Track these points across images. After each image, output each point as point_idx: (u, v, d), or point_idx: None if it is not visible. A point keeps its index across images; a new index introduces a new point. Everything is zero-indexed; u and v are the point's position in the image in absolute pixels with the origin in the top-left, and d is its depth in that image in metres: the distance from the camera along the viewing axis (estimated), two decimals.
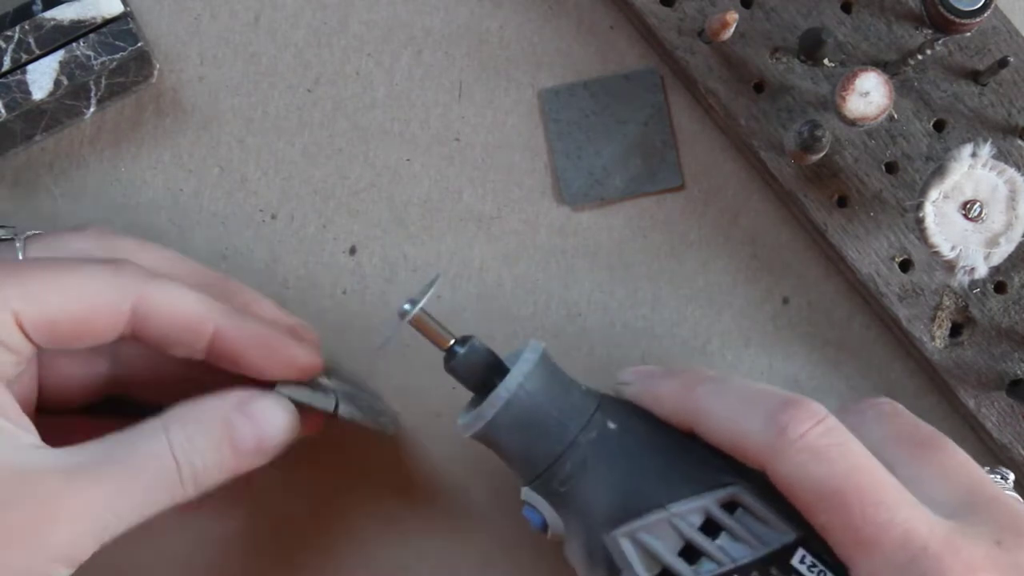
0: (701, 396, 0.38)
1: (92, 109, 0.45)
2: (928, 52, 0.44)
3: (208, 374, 0.42)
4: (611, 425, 0.38)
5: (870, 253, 0.46)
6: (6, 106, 0.43)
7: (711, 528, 0.36)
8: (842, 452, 0.35)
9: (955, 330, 0.46)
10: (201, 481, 0.38)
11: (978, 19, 0.44)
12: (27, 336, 0.37)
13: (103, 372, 0.42)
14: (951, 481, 0.36)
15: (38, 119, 0.44)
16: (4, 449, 0.35)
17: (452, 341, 0.39)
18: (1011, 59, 0.44)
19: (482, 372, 0.39)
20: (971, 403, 0.46)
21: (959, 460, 0.37)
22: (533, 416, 0.38)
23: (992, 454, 0.47)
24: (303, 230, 0.47)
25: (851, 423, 0.39)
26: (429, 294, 0.39)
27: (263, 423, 0.39)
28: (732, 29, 0.44)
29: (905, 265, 0.46)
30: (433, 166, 0.47)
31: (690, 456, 0.38)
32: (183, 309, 0.39)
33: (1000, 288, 0.46)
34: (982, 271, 0.43)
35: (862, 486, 0.34)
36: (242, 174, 0.47)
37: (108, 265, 0.39)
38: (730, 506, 0.37)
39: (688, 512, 0.36)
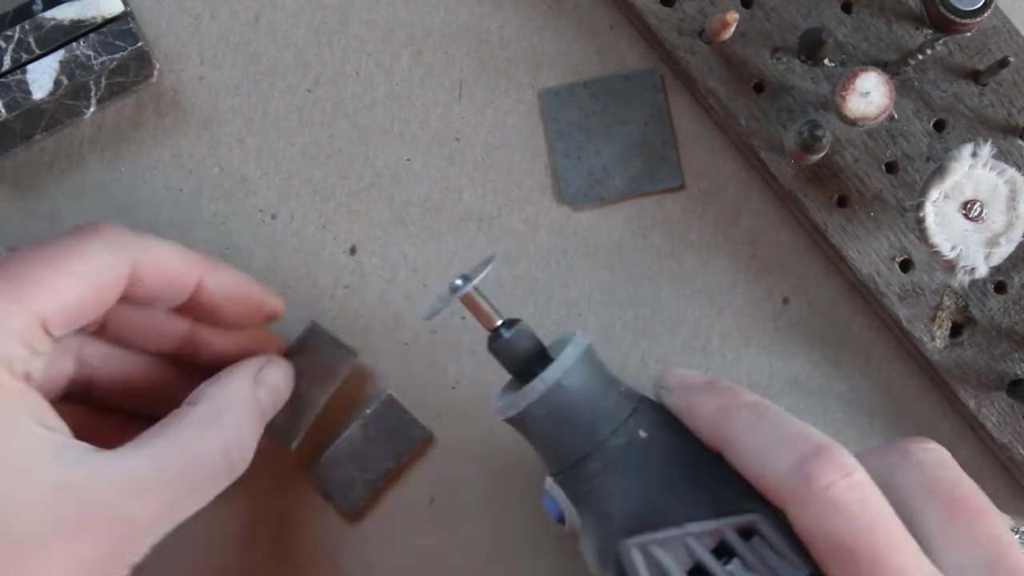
0: (735, 425, 0.37)
1: (92, 109, 0.45)
2: (928, 52, 0.44)
3: (169, 369, 0.43)
4: (642, 434, 0.38)
5: (870, 253, 0.46)
6: (6, 106, 0.43)
7: (725, 551, 0.36)
8: (864, 509, 0.34)
9: (955, 330, 0.46)
10: (239, 470, 0.39)
11: (978, 19, 0.44)
12: (48, 333, 0.37)
13: (68, 373, 0.41)
14: (977, 548, 0.36)
15: (38, 119, 0.44)
16: (67, 464, 0.35)
17: (499, 322, 0.39)
18: (1011, 59, 0.44)
19: (524, 358, 0.39)
20: (971, 403, 0.46)
21: (990, 525, 0.36)
22: (566, 413, 0.38)
23: (992, 454, 0.47)
24: (303, 230, 0.47)
25: (893, 461, 0.38)
26: (484, 273, 0.38)
27: (276, 392, 0.42)
28: (732, 29, 0.44)
29: (905, 265, 0.46)
30: (433, 166, 0.47)
31: (716, 476, 0.37)
32: (172, 265, 0.40)
33: (1000, 288, 0.46)
34: (982, 271, 0.43)
35: (877, 548, 0.34)
36: (242, 174, 0.47)
37: (95, 237, 0.39)
38: (747, 533, 0.36)
39: (702, 533, 0.36)
